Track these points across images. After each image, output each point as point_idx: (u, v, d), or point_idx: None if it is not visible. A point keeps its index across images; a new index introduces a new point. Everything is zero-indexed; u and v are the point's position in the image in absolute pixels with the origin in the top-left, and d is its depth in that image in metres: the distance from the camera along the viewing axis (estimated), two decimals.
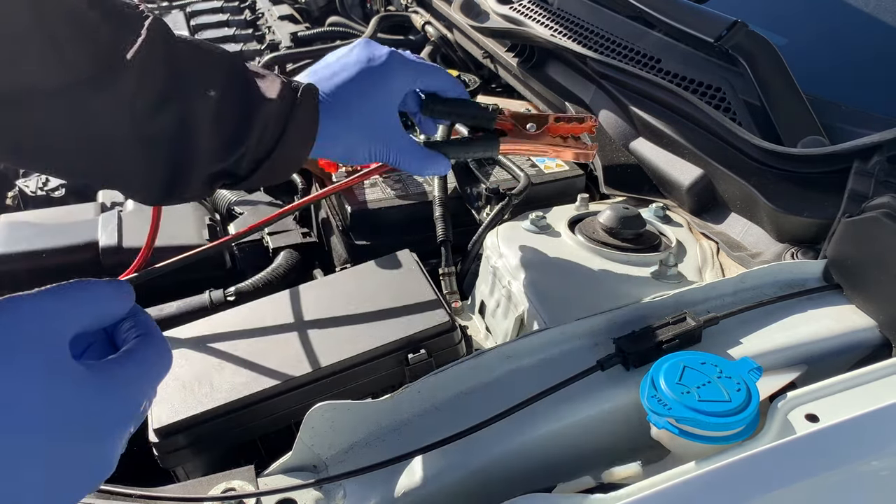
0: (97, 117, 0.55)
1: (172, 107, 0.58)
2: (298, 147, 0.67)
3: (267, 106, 0.63)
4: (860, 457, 0.52)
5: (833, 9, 1.07)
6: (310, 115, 0.66)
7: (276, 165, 0.66)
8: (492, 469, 0.57)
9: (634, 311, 0.66)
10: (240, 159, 0.64)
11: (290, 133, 0.65)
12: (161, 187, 0.62)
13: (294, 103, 0.65)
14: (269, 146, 0.65)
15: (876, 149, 0.73)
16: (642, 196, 0.96)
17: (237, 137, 0.63)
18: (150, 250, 0.77)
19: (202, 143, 0.61)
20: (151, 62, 0.57)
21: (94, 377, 0.37)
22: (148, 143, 0.58)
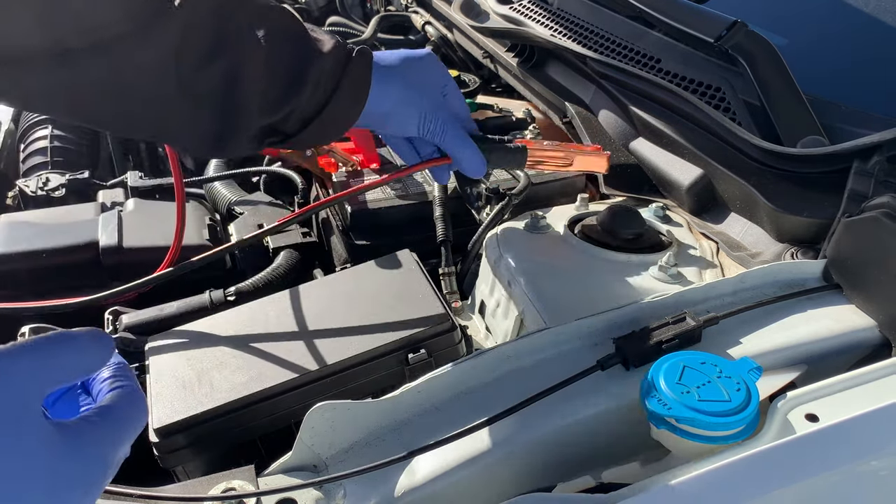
0: (142, 71, 0.54)
1: (222, 60, 0.57)
2: (350, 106, 0.66)
3: (320, 61, 0.62)
4: (860, 457, 0.52)
5: (833, 9, 1.07)
6: (363, 74, 0.66)
7: (326, 124, 0.65)
8: (491, 469, 0.57)
9: (634, 311, 0.66)
10: (288, 115, 0.63)
11: (342, 90, 0.64)
12: (209, 142, 0.61)
13: (348, 61, 0.64)
14: (321, 103, 0.64)
15: (876, 149, 0.73)
16: (642, 196, 0.96)
17: (288, 92, 0.62)
18: (177, 250, 0.80)
19: (252, 98, 0.60)
20: (199, 12, 0.56)
21: (63, 440, 0.36)
22: (195, 97, 0.57)
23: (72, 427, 0.37)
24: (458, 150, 0.73)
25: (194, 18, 0.55)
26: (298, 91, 0.62)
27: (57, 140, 1.44)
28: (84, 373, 0.39)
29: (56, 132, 1.46)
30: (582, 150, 0.83)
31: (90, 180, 1.25)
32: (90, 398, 0.43)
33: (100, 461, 0.37)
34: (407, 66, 0.70)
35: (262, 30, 0.60)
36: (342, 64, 0.64)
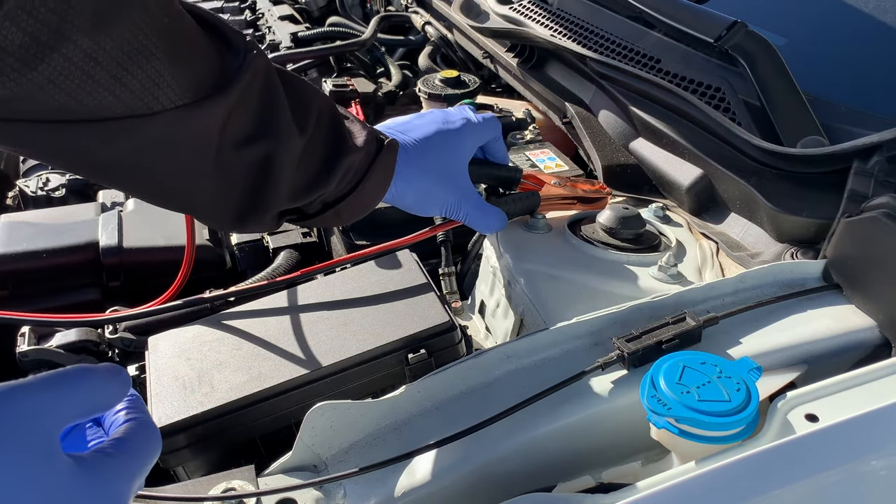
0: (185, 143, 0.54)
1: (260, 145, 0.58)
2: (371, 196, 0.69)
3: (352, 155, 0.64)
4: (860, 457, 0.52)
5: (833, 9, 1.07)
6: (388, 167, 0.68)
7: (345, 210, 0.68)
8: (492, 469, 0.57)
9: (634, 311, 0.66)
10: (313, 201, 0.65)
11: (367, 182, 0.66)
12: (231, 219, 0.62)
13: (377, 155, 0.66)
14: (344, 193, 0.66)
15: (876, 149, 0.73)
16: (642, 196, 0.96)
17: (317, 182, 0.63)
18: (191, 261, 0.83)
19: (282, 184, 0.61)
20: (247, 96, 0.56)
21: (84, 474, 0.36)
22: (229, 176, 0.58)
23: (90, 461, 0.37)
24: (480, 223, 0.78)
25: (245, 97, 0.56)
26: (327, 182, 0.64)
27: None
28: (101, 408, 0.39)
29: None
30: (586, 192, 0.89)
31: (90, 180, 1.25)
32: (99, 429, 0.43)
33: (121, 496, 0.38)
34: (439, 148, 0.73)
35: (303, 119, 0.61)
36: (371, 157, 0.66)
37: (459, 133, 0.75)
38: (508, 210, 0.85)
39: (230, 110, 0.55)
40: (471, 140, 0.76)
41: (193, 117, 0.53)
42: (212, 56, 0.54)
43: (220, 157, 0.56)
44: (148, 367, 0.72)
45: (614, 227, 0.83)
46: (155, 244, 0.99)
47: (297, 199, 0.64)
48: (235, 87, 0.55)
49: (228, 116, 0.55)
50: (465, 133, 0.75)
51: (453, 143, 0.74)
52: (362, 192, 0.67)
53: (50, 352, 0.80)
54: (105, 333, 0.83)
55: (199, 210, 0.62)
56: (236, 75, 0.55)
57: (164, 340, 0.75)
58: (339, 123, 0.66)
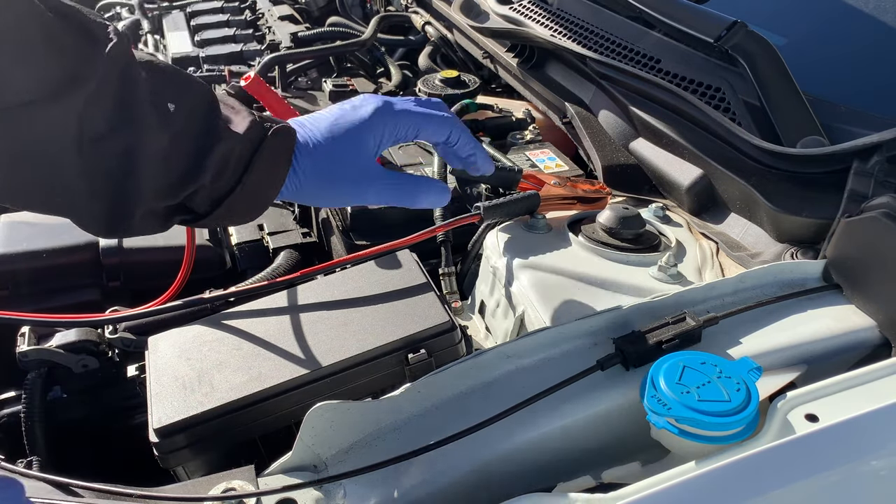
0: (42, 140, 0.52)
1: (118, 140, 0.55)
2: (261, 190, 0.63)
3: (227, 143, 0.60)
4: (860, 457, 0.52)
5: (833, 9, 1.07)
6: (278, 157, 0.63)
7: (237, 206, 0.62)
8: (492, 469, 0.57)
9: (634, 311, 0.66)
10: (193, 196, 0.60)
11: (252, 174, 0.61)
12: (103, 221, 0.58)
13: (261, 142, 0.62)
14: (230, 185, 0.61)
15: (875, 149, 0.73)
16: (642, 196, 0.96)
17: (188, 175, 0.59)
18: (191, 261, 0.82)
19: (147, 180, 0.57)
20: (103, 91, 0.53)
21: None
22: (90, 174, 0.55)
23: None
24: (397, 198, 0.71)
25: (101, 92, 0.53)
26: (197, 176, 0.59)
27: None
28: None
29: None
30: (586, 192, 0.89)
31: None
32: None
33: None
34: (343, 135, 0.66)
35: (167, 106, 0.57)
36: (255, 144, 0.61)
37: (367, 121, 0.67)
38: (508, 211, 0.85)
39: (84, 106, 0.52)
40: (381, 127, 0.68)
41: (43, 114, 0.51)
42: (65, 50, 0.52)
43: (78, 155, 0.53)
44: (148, 367, 0.72)
45: (614, 227, 0.83)
46: (155, 244, 0.99)
47: (168, 196, 0.59)
48: (89, 82, 0.52)
49: (83, 112, 0.52)
50: (375, 120, 0.67)
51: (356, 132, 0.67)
52: (249, 186, 0.62)
53: (50, 352, 0.80)
54: (105, 333, 0.83)
55: (71, 214, 0.58)
56: (91, 70, 0.52)
57: (164, 340, 0.75)
58: (213, 112, 0.61)
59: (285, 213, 1.11)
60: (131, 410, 0.84)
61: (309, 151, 0.66)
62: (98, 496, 0.53)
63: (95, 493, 0.53)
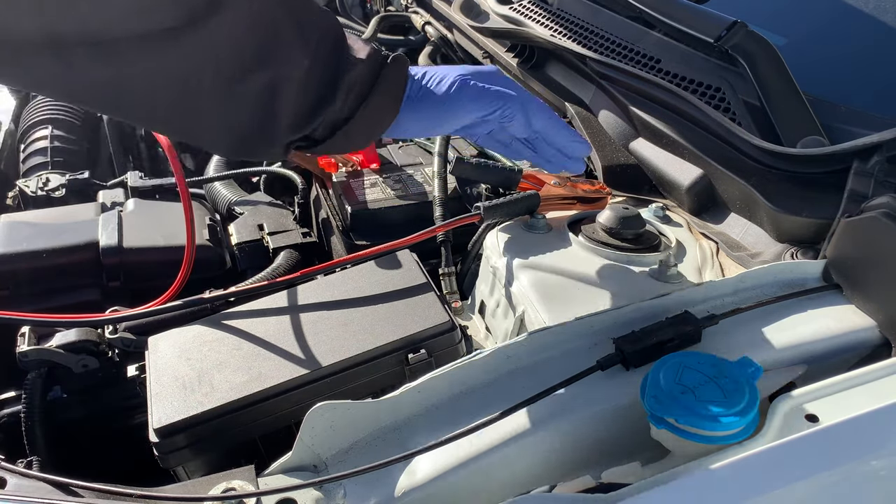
0: (182, 68, 0.52)
1: (262, 72, 0.55)
2: (379, 114, 0.64)
3: (354, 69, 0.61)
4: (860, 457, 0.52)
5: (833, 9, 1.07)
6: (396, 82, 0.64)
7: (353, 132, 0.63)
8: (492, 469, 0.57)
9: (634, 311, 0.66)
10: (320, 123, 0.62)
11: (373, 98, 0.62)
12: (236, 145, 0.60)
13: (381, 68, 0.62)
14: (350, 111, 0.62)
15: (875, 149, 0.73)
16: (642, 196, 0.96)
17: (322, 103, 0.60)
18: (191, 261, 0.81)
19: (288, 109, 0.58)
20: (249, 17, 0.53)
21: None
22: (231, 102, 0.56)
23: None
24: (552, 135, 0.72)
25: (241, 21, 0.53)
26: (331, 102, 0.61)
27: (57, 140, 1.44)
28: None
29: (56, 132, 1.46)
30: (586, 192, 0.89)
31: (90, 180, 1.25)
32: None
33: None
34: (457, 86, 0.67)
35: (305, 40, 0.58)
36: (376, 70, 0.62)
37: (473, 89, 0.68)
38: (508, 211, 0.85)
39: (227, 33, 0.52)
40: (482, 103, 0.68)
41: (185, 41, 0.51)
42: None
43: (221, 84, 0.54)
44: (148, 367, 0.72)
45: (614, 227, 0.83)
46: (155, 244, 0.99)
47: (301, 127, 0.61)
48: (229, 8, 0.52)
49: (226, 39, 0.53)
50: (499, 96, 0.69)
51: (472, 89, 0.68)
52: (369, 109, 0.62)
53: (50, 352, 0.80)
54: (105, 333, 0.83)
55: (201, 138, 0.60)
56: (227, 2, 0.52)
57: (164, 340, 0.75)
58: (342, 39, 0.62)
59: (285, 213, 1.11)
60: (131, 410, 0.84)
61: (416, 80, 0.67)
62: (98, 496, 0.53)
63: (95, 493, 0.53)
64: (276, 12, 0.56)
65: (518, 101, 0.69)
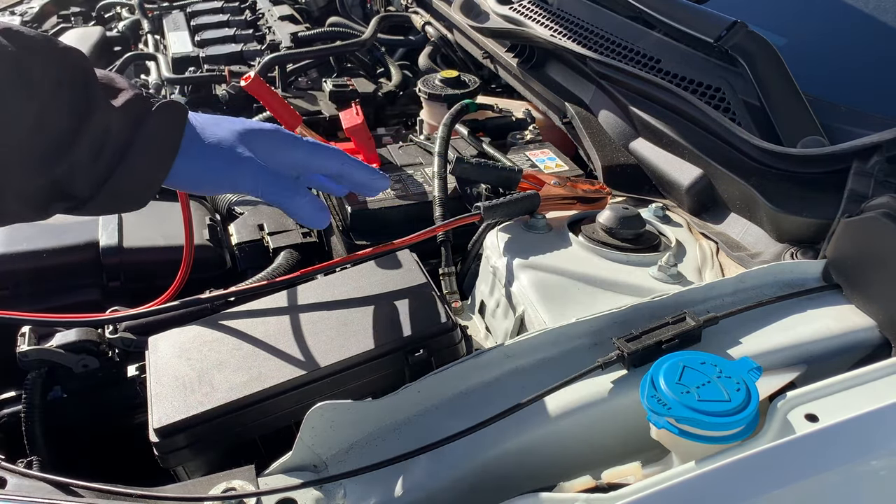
0: None
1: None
2: (151, 168, 0.58)
3: (103, 115, 0.55)
4: (860, 457, 0.52)
5: (833, 9, 1.07)
6: (166, 134, 0.58)
7: (121, 190, 0.57)
8: (492, 468, 0.57)
9: (634, 311, 0.66)
10: (70, 175, 0.55)
11: (135, 153, 0.56)
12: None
13: (144, 116, 0.57)
14: (111, 165, 0.56)
15: (875, 149, 0.73)
16: (642, 196, 0.96)
17: (59, 149, 0.54)
18: (190, 261, 0.81)
19: (12, 155, 0.52)
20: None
21: None
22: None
23: None
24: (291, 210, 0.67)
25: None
26: (70, 149, 0.54)
27: None
28: None
29: None
30: (586, 192, 0.89)
31: None
32: None
33: None
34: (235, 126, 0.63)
35: (33, 76, 0.52)
36: (137, 119, 0.56)
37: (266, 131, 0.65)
38: (508, 211, 0.85)
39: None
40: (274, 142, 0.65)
41: None
42: None
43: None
44: (148, 367, 0.72)
45: (614, 227, 0.83)
46: (155, 244, 0.99)
47: (38, 172, 0.54)
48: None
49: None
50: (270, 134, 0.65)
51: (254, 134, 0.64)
52: (133, 166, 0.56)
53: (50, 352, 0.80)
54: (105, 333, 0.83)
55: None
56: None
57: (164, 340, 0.75)
58: (88, 83, 0.55)
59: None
60: (131, 410, 0.84)
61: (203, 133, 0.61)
62: (98, 496, 0.53)
63: (95, 493, 0.53)
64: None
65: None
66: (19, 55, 0.52)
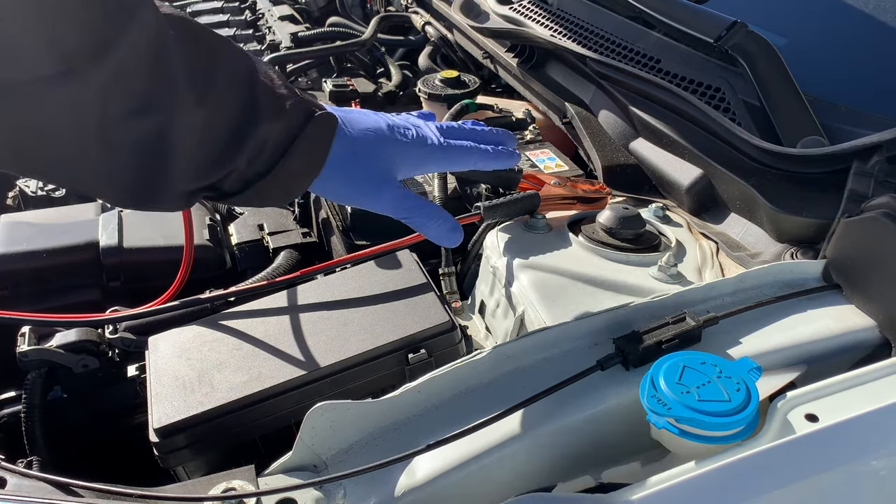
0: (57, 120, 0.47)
1: (148, 119, 0.50)
2: (301, 176, 0.60)
3: (268, 125, 0.56)
4: (860, 457, 0.52)
5: (833, 9, 1.07)
6: (318, 146, 0.59)
7: (268, 190, 0.59)
8: (492, 469, 0.57)
9: (634, 311, 0.66)
10: (225, 177, 0.57)
11: (291, 159, 0.58)
12: (127, 200, 0.55)
13: (303, 128, 0.58)
14: (265, 169, 0.58)
15: (875, 149, 0.73)
16: (642, 196, 0.96)
17: (224, 158, 0.55)
18: (190, 261, 0.80)
19: (179, 162, 0.53)
20: (131, 64, 0.48)
21: None
22: (115, 153, 0.50)
23: None
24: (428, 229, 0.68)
25: (128, 65, 0.48)
26: (234, 158, 0.56)
27: None
28: None
29: None
30: (586, 192, 0.89)
31: None
32: None
33: None
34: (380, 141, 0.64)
35: (205, 86, 0.53)
36: (294, 130, 0.58)
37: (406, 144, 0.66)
38: (508, 211, 0.85)
39: (109, 81, 0.47)
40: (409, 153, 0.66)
41: (64, 89, 0.46)
42: (87, 17, 0.46)
43: (103, 132, 0.49)
44: (148, 367, 0.72)
45: (614, 227, 0.83)
46: (155, 244, 0.99)
47: (201, 177, 0.56)
48: (114, 54, 0.47)
49: (107, 88, 0.47)
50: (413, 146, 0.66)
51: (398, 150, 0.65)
52: (285, 172, 0.58)
53: (50, 352, 0.80)
54: (105, 333, 0.83)
55: (88, 188, 0.54)
56: (117, 40, 0.47)
57: (164, 340, 0.75)
58: (253, 87, 0.56)
59: (285, 213, 1.11)
60: (131, 410, 0.84)
61: (348, 143, 0.62)
62: (98, 496, 0.53)
63: (95, 493, 0.53)
64: (168, 61, 0.51)
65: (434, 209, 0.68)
66: (192, 58, 0.52)
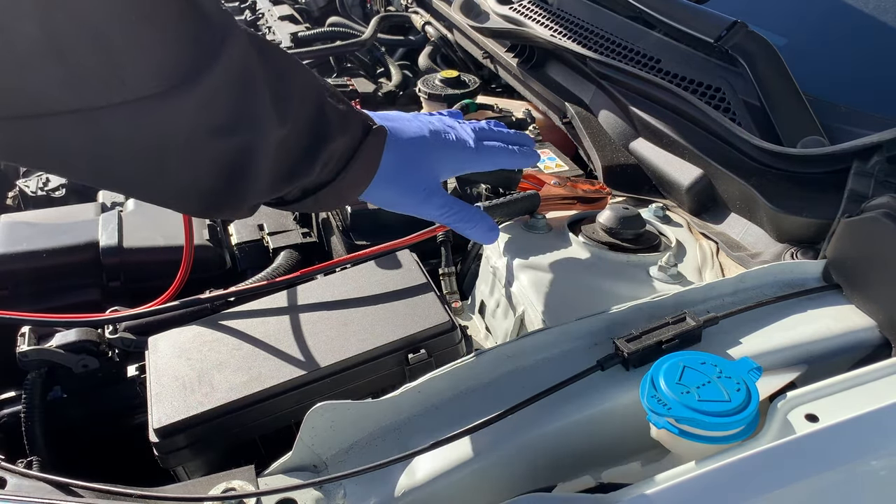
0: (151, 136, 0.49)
1: (236, 138, 0.53)
2: (356, 184, 0.65)
3: (335, 142, 0.60)
4: (860, 457, 0.52)
5: (833, 9, 1.07)
6: (372, 156, 0.64)
7: (326, 198, 0.63)
8: (491, 469, 0.57)
9: (634, 311, 0.66)
10: (292, 189, 0.61)
11: (349, 171, 0.62)
12: (205, 209, 0.57)
13: (362, 141, 0.62)
14: (327, 179, 0.62)
15: (875, 149, 0.73)
16: (642, 196, 0.96)
17: (297, 172, 0.59)
18: (190, 261, 0.81)
19: (261, 177, 0.56)
20: (222, 85, 0.50)
21: None
22: (200, 168, 0.53)
23: None
24: (466, 229, 0.73)
25: (219, 86, 0.50)
26: (308, 172, 0.60)
27: None
28: None
29: None
30: (586, 192, 0.89)
31: None
32: None
33: None
34: (425, 148, 0.68)
35: (285, 106, 0.56)
36: (356, 143, 0.62)
37: (451, 146, 0.71)
38: (508, 211, 0.85)
39: (202, 101, 0.49)
40: (456, 156, 0.72)
41: (160, 109, 0.48)
42: (184, 38, 0.48)
43: (191, 148, 0.51)
44: (148, 367, 0.72)
45: (614, 227, 0.83)
46: (155, 244, 0.99)
47: (276, 189, 0.59)
48: (209, 75, 0.49)
49: (200, 107, 0.50)
50: (456, 149, 0.71)
51: (442, 155, 0.70)
52: (344, 182, 0.62)
53: (50, 352, 0.80)
54: (105, 333, 0.83)
55: (167, 202, 0.57)
56: (210, 62, 0.49)
57: (164, 340, 0.75)
58: (324, 106, 0.60)
59: (285, 214, 1.11)
60: (131, 410, 0.84)
61: (396, 153, 0.66)
62: (98, 496, 0.53)
63: (95, 493, 0.53)
64: (253, 83, 0.53)
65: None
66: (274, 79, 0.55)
